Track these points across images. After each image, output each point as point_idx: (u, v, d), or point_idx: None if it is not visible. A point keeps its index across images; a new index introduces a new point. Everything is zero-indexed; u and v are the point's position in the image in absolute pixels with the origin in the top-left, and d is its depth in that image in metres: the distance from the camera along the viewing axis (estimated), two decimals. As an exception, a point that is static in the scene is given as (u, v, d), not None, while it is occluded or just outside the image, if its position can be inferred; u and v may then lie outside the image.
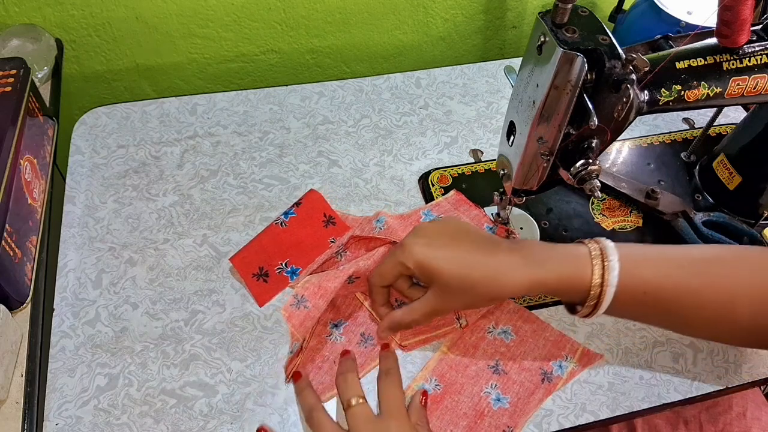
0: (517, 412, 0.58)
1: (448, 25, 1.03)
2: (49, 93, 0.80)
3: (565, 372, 0.61)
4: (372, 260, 0.62)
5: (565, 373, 0.61)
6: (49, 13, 0.85)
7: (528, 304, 0.66)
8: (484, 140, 0.82)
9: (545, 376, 0.61)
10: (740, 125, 0.74)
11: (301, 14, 0.94)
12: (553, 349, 0.63)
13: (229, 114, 0.84)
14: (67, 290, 0.66)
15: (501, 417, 0.58)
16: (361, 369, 0.60)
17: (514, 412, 0.58)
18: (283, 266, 0.68)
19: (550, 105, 0.51)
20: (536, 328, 0.64)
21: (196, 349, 0.62)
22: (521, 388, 0.60)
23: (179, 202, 0.74)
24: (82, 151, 0.79)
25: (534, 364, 0.61)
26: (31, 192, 0.67)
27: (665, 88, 0.55)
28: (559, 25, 0.49)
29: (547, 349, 0.63)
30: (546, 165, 0.57)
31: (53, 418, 0.57)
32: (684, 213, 0.72)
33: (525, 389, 0.60)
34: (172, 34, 0.92)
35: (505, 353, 0.62)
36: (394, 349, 0.61)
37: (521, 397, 0.59)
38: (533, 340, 0.63)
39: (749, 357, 0.63)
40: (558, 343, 0.63)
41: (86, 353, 0.62)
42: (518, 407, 0.59)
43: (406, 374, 0.60)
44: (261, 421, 0.58)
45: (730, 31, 0.54)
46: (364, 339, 0.63)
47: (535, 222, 0.73)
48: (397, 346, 0.62)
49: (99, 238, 0.70)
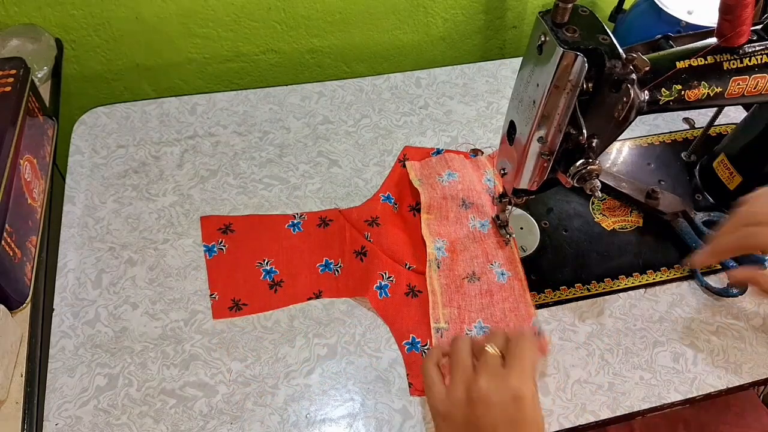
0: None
1: (448, 25, 1.03)
2: (49, 93, 0.80)
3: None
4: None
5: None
6: (49, 13, 0.85)
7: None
8: (484, 140, 0.82)
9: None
10: (740, 125, 0.74)
11: (301, 14, 0.94)
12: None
13: (229, 114, 0.84)
14: (66, 290, 0.66)
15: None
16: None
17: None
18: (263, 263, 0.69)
19: (551, 105, 0.51)
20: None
21: (195, 349, 0.62)
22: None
23: (179, 202, 0.74)
24: (82, 150, 0.79)
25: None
26: (31, 192, 0.67)
27: (665, 88, 0.55)
28: (560, 25, 0.49)
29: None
30: (546, 165, 0.57)
31: (53, 418, 0.57)
32: (684, 213, 0.72)
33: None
34: (172, 34, 0.92)
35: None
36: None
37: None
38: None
39: (749, 357, 0.63)
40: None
41: (86, 353, 0.62)
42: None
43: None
44: (261, 421, 0.58)
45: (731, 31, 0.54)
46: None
47: (535, 222, 0.73)
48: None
49: (99, 238, 0.70)
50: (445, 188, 0.72)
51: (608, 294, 0.68)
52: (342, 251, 0.70)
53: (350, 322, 0.65)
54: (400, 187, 0.75)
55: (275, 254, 0.69)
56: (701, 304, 0.67)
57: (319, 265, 0.69)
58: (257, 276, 0.68)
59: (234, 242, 0.70)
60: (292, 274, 0.68)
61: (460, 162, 0.76)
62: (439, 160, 0.76)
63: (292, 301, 0.66)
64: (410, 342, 0.63)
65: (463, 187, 0.72)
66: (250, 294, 0.66)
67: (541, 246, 0.71)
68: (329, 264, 0.69)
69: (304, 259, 0.69)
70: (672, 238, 0.72)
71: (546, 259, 0.70)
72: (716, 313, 0.67)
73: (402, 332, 0.64)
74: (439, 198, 0.71)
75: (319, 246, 0.70)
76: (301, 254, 0.70)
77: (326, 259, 0.69)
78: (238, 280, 0.67)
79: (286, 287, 0.67)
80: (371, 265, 0.67)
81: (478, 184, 0.74)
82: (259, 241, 0.70)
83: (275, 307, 0.66)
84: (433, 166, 0.75)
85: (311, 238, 0.71)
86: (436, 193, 0.71)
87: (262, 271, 0.68)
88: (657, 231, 0.73)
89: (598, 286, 0.68)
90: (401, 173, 0.76)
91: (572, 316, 0.66)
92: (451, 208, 0.70)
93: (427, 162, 0.76)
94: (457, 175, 0.73)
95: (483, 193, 0.73)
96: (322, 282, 0.68)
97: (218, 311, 0.65)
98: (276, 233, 0.71)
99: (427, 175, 0.74)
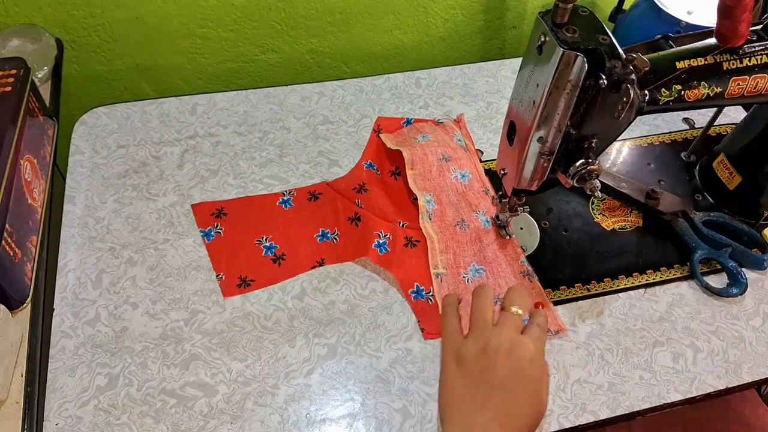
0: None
1: (448, 25, 1.03)
2: (49, 93, 0.80)
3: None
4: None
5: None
6: (50, 13, 0.85)
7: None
8: (484, 140, 0.82)
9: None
10: (740, 125, 0.74)
11: (301, 14, 0.94)
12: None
13: (230, 114, 0.84)
14: (67, 290, 0.66)
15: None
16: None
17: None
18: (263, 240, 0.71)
19: (551, 105, 0.51)
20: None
21: (196, 349, 0.62)
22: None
23: (179, 201, 0.74)
24: (82, 151, 0.79)
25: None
26: (31, 192, 0.67)
27: (665, 88, 0.55)
28: (560, 25, 0.49)
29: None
30: (546, 165, 0.57)
31: (53, 417, 0.57)
32: (684, 213, 0.72)
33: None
34: (172, 34, 0.92)
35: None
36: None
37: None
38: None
39: (749, 357, 0.63)
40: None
41: (86, 353, 0.62)
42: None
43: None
44: (261, 421, 0.58)
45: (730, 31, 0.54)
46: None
47: (535, 222, 0.73)
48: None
49: (99, 238, 0.70)
50: (424, 146, 0.76)
51: (608, 294, 0.68)
52: (336, 220, 0.73)
53: (350, 322, 0.65)
54: (380, 155, 0.79)
55: (272, 231, 0.71)
56: (701, 304, 0.67)
57: (317, 235, 0.71)
58: (259, 253, 0.69)
59: (229, 225, 0.72)
60: (292, 247, 0.70)
61: (430, 127, 0.81)
62: (411, 129, 0.81)
63: (297, 272, 0.68)
64: (415, 291, 0.67)
65: (438, 144, 0.77)
66: (255, 270, 0.68)
67: (541, 246, 0.71)
68: (326, 233, 0.71)
69: (301, 232, 0.71)
70: (672, 238, 0.72)
71: (546, 259, 0.70)
72: (716, 313, 0.67)
73: (407, 282, 0.67)
74: (420, 154, 0.75)
75: (312, 218, 0.73)
76: (297, 228, 0.72)
77: (322, 230, 0.72)
78: (240, 258, 0.69)
79: (288, 260, 0.69)
80: (367, 228, 0.71)
81: (452, 143, 0.79)
82: (254, 221, 0.72)
83: (282, 279, 0.67)
84: (406, 134, 0.80)
85: (304, 212, 0.73)
86: (416, 151, 0.75)
87: (263, 248, 0.70)
88: (657, 231, 0.73)
89: (598, 286, 0.68)
90: (378, 142, 0.80)
91: (572, 316, 0.66)
92: (432, 162, 0.75)
93: (400, 132, 0.81)
94: (430, 136, 0.78)
95: (458, 149, 0.78)
96: (322, 251, 0.70)
97: (227, 290, 0.67)
98: (269, 212, 0.73)
99: (403, 141, 0.78)
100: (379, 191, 0.75)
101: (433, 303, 0.66)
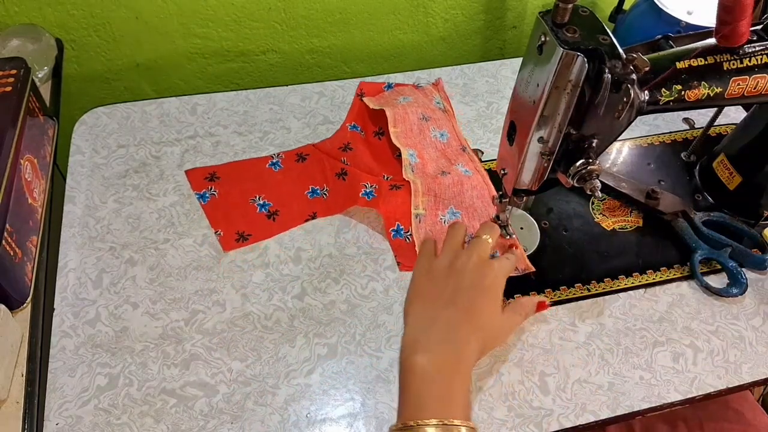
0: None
1: (449, 25, 1.03)
2: (50, 93, 0.80)
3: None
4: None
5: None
6: (50, 13, 0.85)
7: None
8: (485, 140, 0.83)
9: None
10: (740, 125, 0.74)
11: (301, 14, 0.94)
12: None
13: (230, 114, 0.84)
14: (67, 290, 0.66)
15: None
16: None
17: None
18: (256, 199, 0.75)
19: (551, 105, 0.51)
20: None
21: (196, 349, 0.62)
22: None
23: (179, 201, 0.74)
24: (83, 150, 0.79)
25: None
26: (32, 192, 0.67)
27: (666, 88, 0.55)
28: (560, 25, 0.49)
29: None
30: (546, 165, 0.57)
31: (53, 417, 0.57)
32: (684, 213, 0.72)
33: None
34: (172, 34, 0.92)
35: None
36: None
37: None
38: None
39: (749, 357, 0.63)
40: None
41: (86, 353, 0.62)
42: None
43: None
44: (261, 420, 0.58)
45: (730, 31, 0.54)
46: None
47: (535, 222, 0.73)
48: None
49: (99, 238, 0.70)
50: (405, 106, 0.80)
51: (608, 294, 0.68)
52: (324, 177, 0.77)
53: (350, 321, 0.65)
54: (363, 116, 0.82)
55: (264, 190, 0.75)
56: (701, 304, 0.67)
57: (307, 192, 0.76)
58: (253, 210, 0.73)
59: (222, 187, 0.75)
60: (284, 204, 0.74)
61: (410, 90, 0.85)
62: (392, 92, 0.85)
63: (291, 225, 0.73)
64: (395, 229, 0.72)
65: (418, 105, 0.81)
66: (251, 225, 0.72)
67: (541, 246, 0.71)
68: (316, 190, 0.76)
69: (292, 190, 0.76)
70: (672, 238, 0.72)
71: (546, 259, 0.70)
72: (716, 313, 0.67)
73: (390, 219, 0.72)
74: (402, 113, 0.79)
75: (301, 178, 0.77)
76: (288, 187, 0.76)
77: (312, 187, 0.76)
78: (236, 216, 0.73)
79: (282, 215, 0.73)
80: (354, 180, 0.75)
81: (430, 104, 0.83)
82: (246, 182, 0.76)
83: (277, 233, 0.72)
84: (388, 97, 0.83)
85: (293, 173, 0.77)
86: (398, 110, 0.79)
87: (257, 206, 0.74)
88: (657, 231, 0.73)
89: (598, 286, 0.68)
90: (361, 105, 0.83)
91: (572, 316, 0.66)
92: (413, 121, 0.78)
93: (382, 95, 0.84)
94: (410, 98, 0.82)
95: (436, 110, 0.82)
96: (313, 205, 0.74)
97: (227, 244, 0.70)
98: (259, 173, 0.77)
99: (384, 103, 0.81)
100: (363, 149, 0.79)
101: (410, 242, 0.70)
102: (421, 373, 0.50)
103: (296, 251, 0.70)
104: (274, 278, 0.68)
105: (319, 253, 0.70)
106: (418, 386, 0.50)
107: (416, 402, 0.49)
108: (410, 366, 0.51)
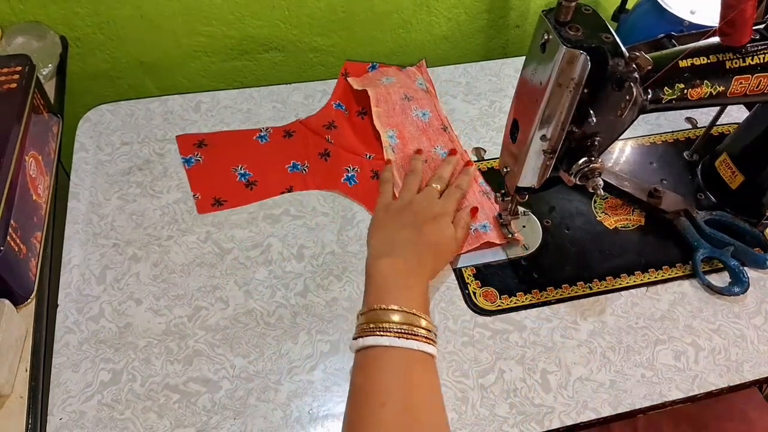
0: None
1: (452, 24, 1.03)
2: (54, 90, 0.81)
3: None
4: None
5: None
6: (54, 11, 0.85)
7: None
8: (487, 138, 0.83)
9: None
10: (743, 124, 0.74)
11: (304, 13, 0.94)
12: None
13: (233, 112, 0.84)
14: (71, 286, 0.66)
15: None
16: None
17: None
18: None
19: (553, 103, 0.52)
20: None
21: (199, 345, 0.63)
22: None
23: (183, 198, 0.74)
24: (87, 148, 0.79)
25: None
26: (36, 188, 0.67)
27: (668, 87, 0.55)
28: (563, 23, 0.49)
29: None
30: (549, 163, 0.57)
31: (57, 412, 0.58)
32: (686, 212, 0.72)
33: None
34: (176, 32, 0.92)
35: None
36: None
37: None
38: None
39: (751, 355, 0.64)
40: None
41: (90, 349, 0.62)
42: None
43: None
44: (264, 416, 0.58)
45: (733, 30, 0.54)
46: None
47: (537, 220, 0.73)
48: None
49: (103, 235, 0.71)
50: (388, 86, 0.82)
51: (610, 292, 0.68)
52: (307, 154, 0.79)
53: (353, 318, 0.65)
54: (347, 96, 0.85)
55: (247, 160, 0.78)
56: (703, 303, 0.67)
57: (288, 166, 0.78)
58: (234, 179, 0.76)
59: (209, 154, 0.78)
60: (264, 174, 0.77)
61: (393, 71, 0.88)
62: (375, 73, 0.87)
63: (266, 196, 0.75)
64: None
65: (401, 86, 0.83)
66: (228, 193, 0.75)
67: (543, 244, 0.71)
68: (296, 165, 0.78)
69: (274, 163, 0.78)
70: (674, 237, 0.72)
71: (548, 258, 0.70)
72: (718, 311, 0.67)
73: (372, 209, 0.74)
74: (384, 93, 0.81)
75: (285, 152, 0.80)
76: (271, 159, 0.79)
77: (293, 162, 0.78)
78: (216, 182, 0.76)
79: (260, 185, 0.76)
80: (336, 162, 0.78)
81: (413, 85, 0.86)
82: (232, 152, 0.79)
83: (252, 201, 0.74)
84: (371, 77, 0.86)
85: (278, 147, 0.80)
86: (381, 90, 0.82)
87: (237, 174, 0.77)
88: (659, 230, 0.73)
89: (600, 284, 0.68)
90: (345, 85, 0.85)
91: (574, 314, 0.66)
92: (395, 101, 0.81)
93: (366, 76, 0.87)
94: (393, 78, 0.85)
95: (419, 90, 0.85)
96: (291, 179, 0.77)
97: (202, 207, 0.74)
98: (245, 144, 0.80)
99: (368, 83, 0.83)
100: (347, 128, 0.82)
101: None
102: (384, 272, 0.59)
103: (299, 248, 0.71)
104: (276, 275, 0.68)
105: (321, 251, 0.71)
106: (382, 280, 0.59)
107: (380, 292, 0.58)
108: (374, 268, 0.60)
